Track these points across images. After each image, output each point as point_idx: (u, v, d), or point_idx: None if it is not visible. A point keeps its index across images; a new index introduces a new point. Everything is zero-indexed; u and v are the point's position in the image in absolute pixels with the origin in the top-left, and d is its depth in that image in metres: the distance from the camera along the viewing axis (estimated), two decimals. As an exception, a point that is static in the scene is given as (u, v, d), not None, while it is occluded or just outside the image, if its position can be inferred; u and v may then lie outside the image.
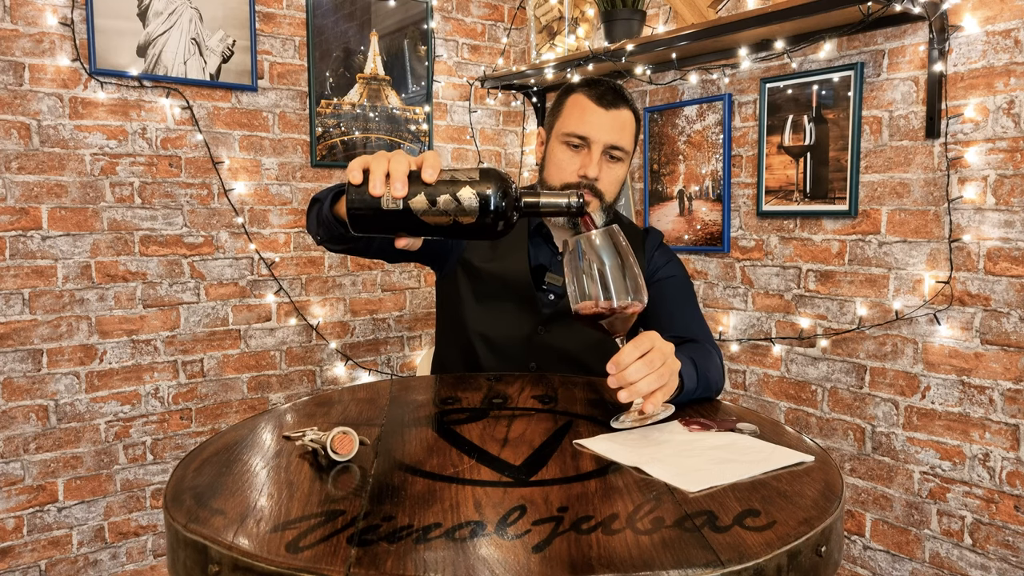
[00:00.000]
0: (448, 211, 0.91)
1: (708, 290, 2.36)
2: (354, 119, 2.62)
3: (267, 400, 2.54)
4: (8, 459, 2.10)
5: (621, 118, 1.44)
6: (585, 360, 1.49)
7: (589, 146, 1.42)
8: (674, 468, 0.88)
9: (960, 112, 1.74)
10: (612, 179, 1.45)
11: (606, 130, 1.42)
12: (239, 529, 0.71)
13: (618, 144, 1.43)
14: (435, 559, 0.65)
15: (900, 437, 1.89)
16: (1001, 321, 1.70)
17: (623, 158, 1.45)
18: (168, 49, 2.25)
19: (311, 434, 0.96)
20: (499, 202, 0.91)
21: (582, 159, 1.43)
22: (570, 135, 1.43)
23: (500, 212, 0.91)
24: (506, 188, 0.92)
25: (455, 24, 2.88)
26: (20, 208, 2.08)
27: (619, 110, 1.44)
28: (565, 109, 1.47)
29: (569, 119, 1.45)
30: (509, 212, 0.92)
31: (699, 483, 0.83)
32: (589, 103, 1.44)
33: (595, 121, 1.42)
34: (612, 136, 1.42)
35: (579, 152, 1.43)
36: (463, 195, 0.90)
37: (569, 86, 1.51)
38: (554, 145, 1.47)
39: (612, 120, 1.43)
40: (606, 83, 1.47)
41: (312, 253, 2.59)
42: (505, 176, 0.94)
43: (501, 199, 0.91)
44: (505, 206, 0.91)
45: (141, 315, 2.28)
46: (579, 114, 1.43)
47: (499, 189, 0.91)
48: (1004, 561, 1.71)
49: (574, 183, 1.43)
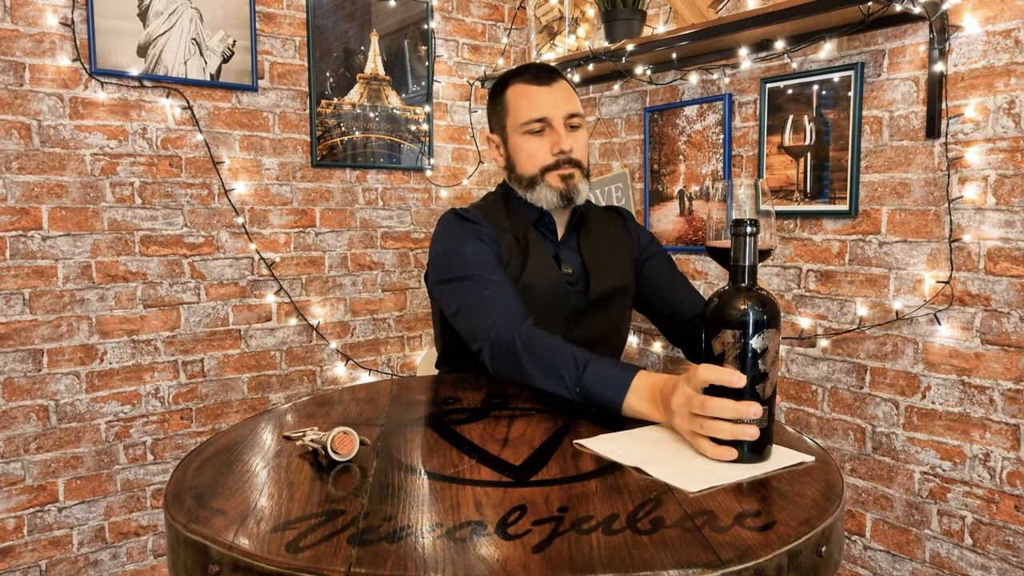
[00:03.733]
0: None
1: (709, 290, 2.36)
2: (354, 119, 2.63)
3: (267, 400, 2.54)
4: (8, 459, 2.10)
5: (564, 88, 1.49)
6: (612, 344, 1.56)
7: (551, 124, 1.46)
8: (674, 468, 0.88)
9: (960, 112, 1.74)
10: (581, 145, 1.50)
11: (559, 103, 1.46)
12: (239, 529, 0.71)
13: (574, 111, 1.48)
14: (435, 559, 0.65)
15: (900, 437, 1.89)
16: (1001, 321, 1.70)
17: (581, 123, 1.50)
18: (168, 49, 2.25)
19: (311, 434, 0.96)
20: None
21: (551, 139, 1.46)
22: (528, 123, 1.46)
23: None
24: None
25: (455, 24, 2.88)
26: (20, 208, 2.08)
27: (558, 82, 1.49)
28: (509, 104, 1.50)
29: (520, 110, 1.47)
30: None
31: (699, 483, 0.83)
32: (530, 87, 1.48)
33: (545, 100, 1.46)
34: (566, 106, 1.47)
35: (543, 134, 1.46)
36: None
37: (500, 84, 1.54)
38: (516, 140, 1.49)
39: (557, 93, 1.47)
40: (533, 65, 1.52)
41: (312, 253, 2.59)
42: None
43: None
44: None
45: (141, 315, 2.28)
46: (526, 101, 1.47)
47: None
48: (1004, 561, 1.71)
49: (552, 163, 1.46)
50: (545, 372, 1.16)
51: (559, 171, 1.45)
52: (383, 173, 2.72)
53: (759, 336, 0.88)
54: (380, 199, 2.72)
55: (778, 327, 0.90)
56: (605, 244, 1.57)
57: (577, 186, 1.47)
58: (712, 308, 0.91)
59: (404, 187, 2.77)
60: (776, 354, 0.90)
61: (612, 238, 1.60)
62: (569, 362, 1.14)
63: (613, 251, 1.57)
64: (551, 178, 1.46)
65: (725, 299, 0.90)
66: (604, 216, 1.65)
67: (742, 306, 0.88)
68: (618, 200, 2.61)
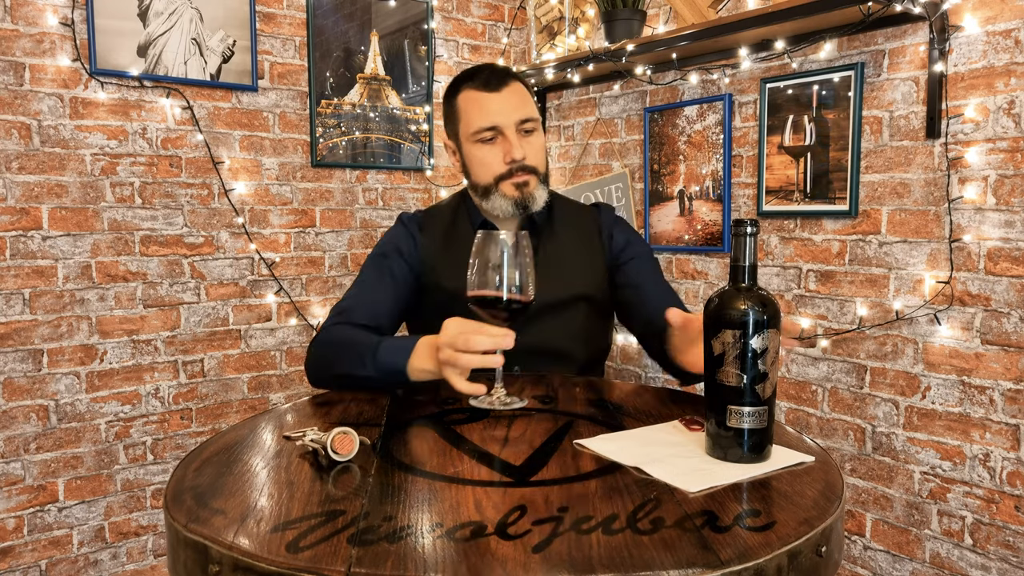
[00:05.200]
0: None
1: (709, 290, 2.36)
2: (354, 119, 2.63)
3: (267, 400, 2.54)
4: (8, 459, 2.10)
5: (516, 92, 1.45)
6: (568, 350, 1.47)
7: (502, 132, 1.42)
8: (674, 468, 0.88)
9: (960, 112, 1.74)
10: (536, 150, 1.45)
11: (509, 110, 1.42)
12: (239, 529, 0.71)
13: (526, 116, 1.43)
14: (435, 559, 0.65)
15: (900, 437, 1.89)
16: (1001, 321, 1.70)
17: (535, 127, 1.46)
18: (168, 49, 2.25)
19: (311, 434, 0.96)
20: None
21: (502, 147, 1.42)
22: (479, 132, 1.42)
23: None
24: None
25: (455, 24, 2.88)
26: (20, 208, 2.08)
27: (509, 86, 1.44)
28: (461, 111, 1.47)
29: (470, 118, 1.44)
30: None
31: (699, 483, 0.83)
32: (480, 94, 1.43)
33: (495, 107, 1.42)
34: (517, 112, 1.42)
35: (495, 142, 1.43)
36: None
37: (452, 88, 1.50)
38: (469, 148, 1.46)
39: (508, 98, 1.43)
40: (485, 68, 1.47)
41: (312, 253, 2.59)
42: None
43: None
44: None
45: (141, 315, 2.28)
46: (477, 109, 1.43)
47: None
48: (1004, 561, 1.71)
49: (505, 172, 1.42)
50: (349, 358, 1.26)
51: (513, 179, 1.42)
52: (383, 173, 2.72)
53: (759, 336, 0.88)
54: (380, 199, 2.72)
55: (779, 327, 0.90)
56: (568, 248, 1.51)
57: (533, 194, 1.43)
58: (712, 308, 0.91)
59: (404, 187, 2.77)
60: (776, 354, 0.90)
61: (578, 241, 1.53)
62: (367, 344, 1.24)
63: (577, 255, 1.51)
64: (505, 187, 1.42)
65: (725, 299, 0.90)
66: (575, 217, 1.57)
67: (742, 306, 0.88)
68: (618, 200, 2.61)
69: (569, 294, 1.46)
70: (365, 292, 1.46)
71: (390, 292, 1.47)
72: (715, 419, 0.91)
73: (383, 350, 1.22)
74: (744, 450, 0.90)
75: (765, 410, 0.89)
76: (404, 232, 1.53)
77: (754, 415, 0.89)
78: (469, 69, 1.49)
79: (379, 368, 1.22)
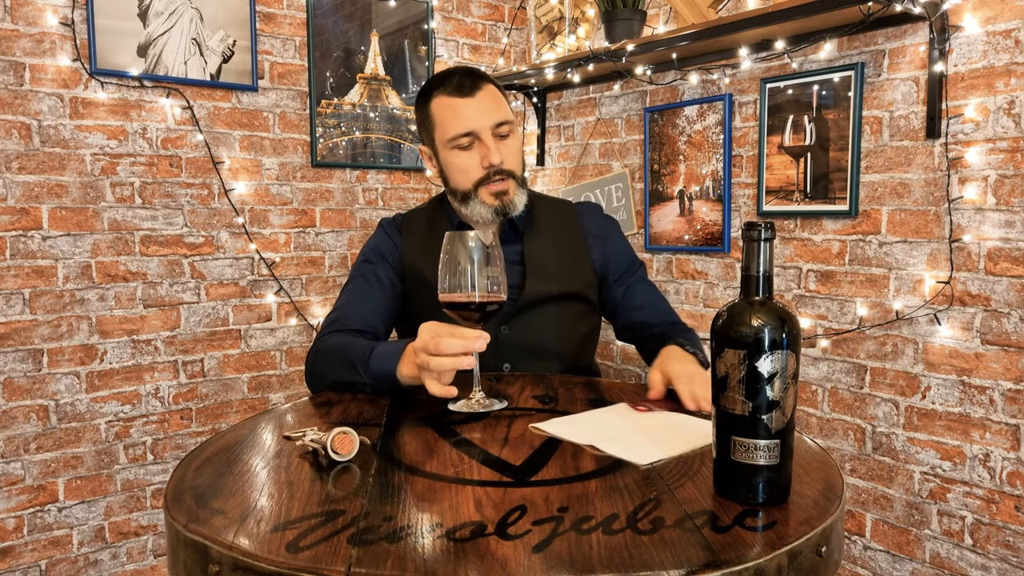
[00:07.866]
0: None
1: (708, 290, 2.36)
2: (354, 119, 2.63)
3: (267, 400, 2.54)
4: (8, 459, 2.10)
5: (489, 96, 1.44)
6: (556, 348, 1.48)
7: (478, 137, 1.42)
8: (625, 444, 0.95)
9: (960, 112, 1.74)
10: (513, 153, 1.46)
11: (484, 115, 1.42)
12: (239, 529, 0.71)
13: (501, 119, 1.43)
14: (435, 559, 0.65)
15: (900, 437, 1.89)
16: (1001, 321, 1.70)
17: (511, 129, 1.45)
18: (169, 49, 2.25)
19: (311, 434, 0.96)
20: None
21: (479, 152, 1.42)
22: (454, 138, 1.42)
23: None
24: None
25: (455, 24, 2.88)
26: (20, 208, 2.08)
27: (482, 90, 1.44)
28: (435, 118, 1.46)
29: (445, 125, 1.44)
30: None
31: (648, 457, 0.90)
32: (453, 100, 1.43)
33: (469, 113, 1.42)
34: (492, 116, 1.42)
35: (472, 148, 1.43)
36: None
37: (424, 94, 1.49)
38: (445, 155, 1.46)
39: (481, 103, 1.42)
40: (456, 72, 1.46)
41: (312, 253, 2.59)
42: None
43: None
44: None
45: (141, 315, 2.28)
46: (451, 115, 1.43)
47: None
48: (1004, 561, 1.71)
49: (484, 176, 1.42)
50: (344, 367, 1.26)
51: (492, 186, 1.42)
52: (383, 173, 2.72)
53: (768, 358, 0.75)
54: (380, 199, 2.72)
55: (797, 349, 0.76)
56: (550, 246, 1.52)
57: (513, 200, 1.43)
58: (718, 324, 0.78)
59: (404, 187, 2.77)
60: (792, 380, 0.76)
61: (561, 239, 1.54)
62: (360, 353, 1.24)
63: (560, 252, 1.52)
64: (484, 194, 1.42)
65: (732, 314, 0.77)
66: (556, 215, 1.58)
67: (751, 322, 0.75)
68: (618, 200, 2.61)
69: (554, 291, 1.47)
70: (354, 299, 1.47)
71: (379, 296, 1.48)
72: (719, 450, 0.79)
73: (374, 357, 1.22)
74: (754, 490, 0.77)
75: (777, 445, 0.75)
76: (385, 237, 1.56)
77: (763, 450, 0.75)
78: (439, 74, 1.48)
79: (372, 375, 1.22)
